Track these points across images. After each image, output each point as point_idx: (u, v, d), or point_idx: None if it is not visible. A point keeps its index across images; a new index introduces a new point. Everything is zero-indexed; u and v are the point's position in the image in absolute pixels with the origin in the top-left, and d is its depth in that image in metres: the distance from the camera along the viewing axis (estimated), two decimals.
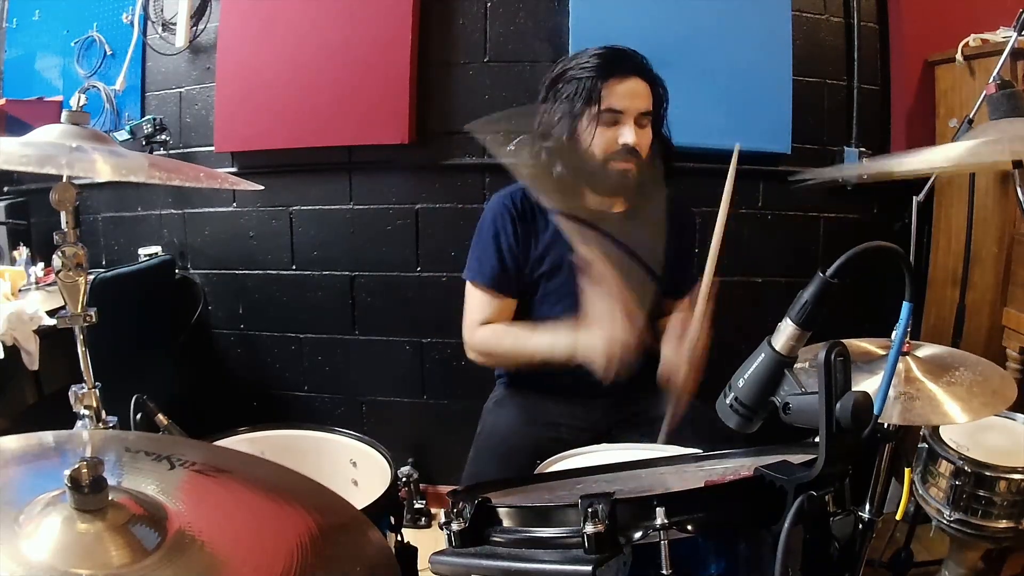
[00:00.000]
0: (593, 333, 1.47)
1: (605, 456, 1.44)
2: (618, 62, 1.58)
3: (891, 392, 1.18)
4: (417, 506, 2.49)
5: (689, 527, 0.78)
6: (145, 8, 2.57)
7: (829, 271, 0.84)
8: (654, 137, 1.62)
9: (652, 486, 1.12)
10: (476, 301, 1.66)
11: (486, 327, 1.64)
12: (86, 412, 1.08)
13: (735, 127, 2.31)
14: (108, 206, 2.76)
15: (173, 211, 2.69)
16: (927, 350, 1.34)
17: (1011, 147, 1.05)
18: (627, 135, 1.54)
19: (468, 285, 1.69)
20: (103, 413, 1.09)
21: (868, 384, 1.18)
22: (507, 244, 1.65)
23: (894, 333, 0.88)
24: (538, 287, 1.67)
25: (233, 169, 2.55)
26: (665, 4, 2.28)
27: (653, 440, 1.51)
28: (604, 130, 1.55)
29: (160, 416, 1.27)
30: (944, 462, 1.47)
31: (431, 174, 2.47)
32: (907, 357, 1.28)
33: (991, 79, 1.64)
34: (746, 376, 0.88)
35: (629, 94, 1.55)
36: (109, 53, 2.63)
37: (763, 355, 0.87)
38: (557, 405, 1.67)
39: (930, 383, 1.22)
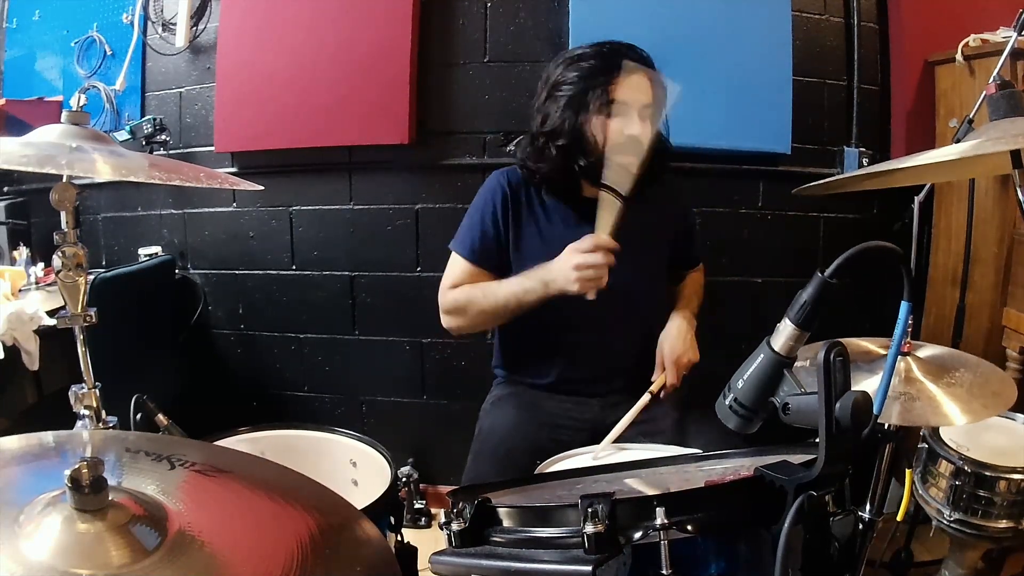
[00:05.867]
0: (564, 256, 1.50)
1: (605, 456, 1.45)
2: (622, 56, 1.60)
3: (891, 392, 1.18)
4: (417, 506, 2.49)
5: (689, 527, 0.78)
6: (145, 8, 2.57)
7: (828, 271, 0.84)
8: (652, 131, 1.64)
9: (652, 486, 1.12)
10: (454, 269, 1.70)
11: (457, 288, 1.67)
12: (86, 412, 1.08)
13: (735, 127, 2.31)
14: (108, 206, 2.76)
15: (173, 211, 2.68)
16: (927, 351, 1.33)
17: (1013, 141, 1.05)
18: (633, 126, 1.56)
19: (452, 255, 1.72)
20: (103, 413, 1.09)
21: (868, 384, 1.18)
22: (493, 219, 1.67)
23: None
24: (529, 269, 1.67)
25: (233, 169, 2.55)
26: (665, 4, 2.28)
27: (653, 440, 1.51)
28: (610, 122, 1.58)
29: (160, 416, 1.27)
30: (944, 462, 1.47)
31: (431, 174, 2.47)
32: (907, 357, 1.27)
33: (991, 79, 1.64)
34: (745, 377, 0.88)
35: (635, 86, 1.58)
36: (109, 53, 2.62)
37: (762, 356, 0.87)
38: (555, 405, 1.67)
39: (930, 384, 1.22)
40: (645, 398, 1.55)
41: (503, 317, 1.62)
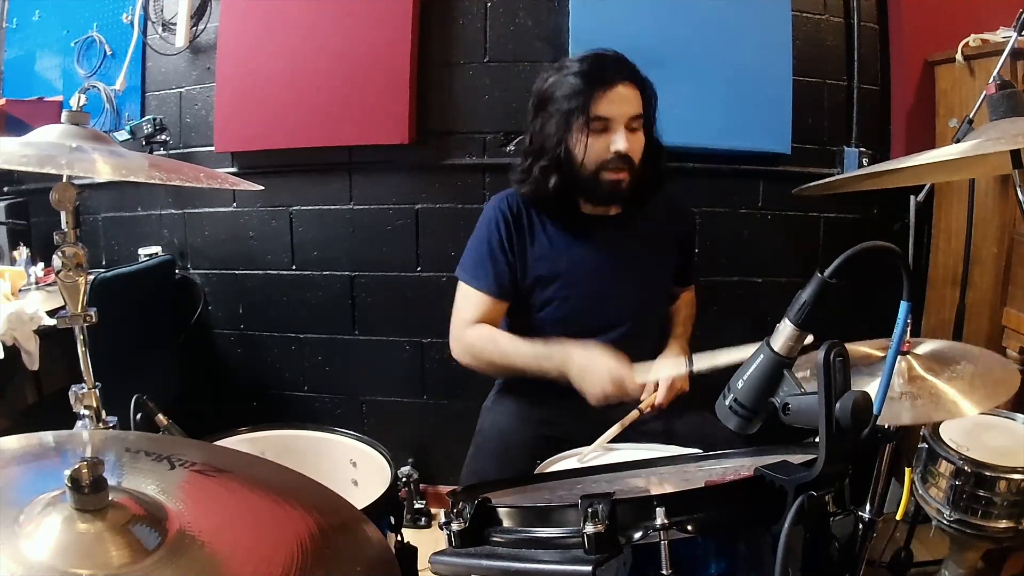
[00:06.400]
0: (592, 361, 1.47)
1: (606, 456, 1.45)
2: (603, 69, 1.55)
3: (894, 392, 1.18)
4: (417, 506, 2.49)
5: (689, 527, 0.79)
6: (145, 8, 2.57)
7: (827, 271, 0.84)
8: (645, 140, 1.60)
9: (652, 486, 1.12)
10: (467, 302, 1.66)
11: (479, 327, 1.63)
12: (86, 412, 1.08)
13: (735, 127, 2.31)
14: (108, 206, 2.76)
15: (173, 211, 2.68)
16: (927, 346, 1.33)
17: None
18: (618, 142, 1.53)
19: (460, 284, 1.69)
20: (103, 413, 1.09)
21: (867, 387, 1.18)
22: (501, 248, 1.65)
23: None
24: (535, 291, 1.67)
25: (233, 169, 2.55)
26: (665, 4, 2.28)
27: (653, 440, 1.51)
28: (595, 139, 1.54)
29: (160, 416, 1.27)
30: (944, 462, 1.47)
31: (431, 174, 2.47)
32: (908, 356, 1.27)
33: (991, 79, 1.64)
34: (745, 377, 0.88)
35: (617, 100, 1.53)
36: (109, 53, 2.62)
37: (762, 356, 0.87)
38: (556, 404, 1.66)
39: (932, 378, 1.22)
40: (634, 414, 1.54)
41: (516, 376, 1.61)
